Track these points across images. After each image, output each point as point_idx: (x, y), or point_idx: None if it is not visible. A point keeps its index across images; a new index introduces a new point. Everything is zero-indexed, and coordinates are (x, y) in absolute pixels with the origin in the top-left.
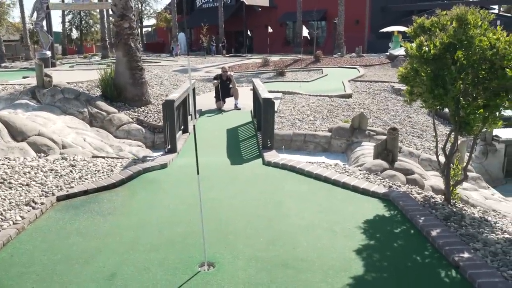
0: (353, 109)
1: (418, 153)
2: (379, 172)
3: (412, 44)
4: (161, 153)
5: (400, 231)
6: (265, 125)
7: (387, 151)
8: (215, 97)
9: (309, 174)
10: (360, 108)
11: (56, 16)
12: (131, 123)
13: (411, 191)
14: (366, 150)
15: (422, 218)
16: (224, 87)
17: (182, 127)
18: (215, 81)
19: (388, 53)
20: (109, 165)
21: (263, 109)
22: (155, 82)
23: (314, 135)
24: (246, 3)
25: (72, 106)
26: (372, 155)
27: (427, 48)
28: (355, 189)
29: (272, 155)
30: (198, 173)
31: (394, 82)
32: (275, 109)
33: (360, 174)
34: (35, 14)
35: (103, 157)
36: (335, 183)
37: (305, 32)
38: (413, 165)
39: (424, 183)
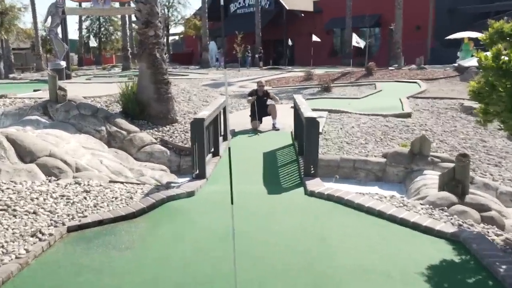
0: (413, 131)
1: (495, 185)
2: (446, 207)
3: (487, 53)
4: (188, 179)
5: (473, 281)
6: (308, 148)
7: (456, 182)
8: (250, 115)
9: (359, 207)
10: (421, 129)
11: (72, 22)
12: (154, 144)
13: (488, 231)
14: (429, 180)
15: (503, 266)
16: (260, 105)
17: (212, 149)
18: (250, 97)
19: (456, 64)
20: (128, 192)
21: (306, 130)
22: (182, 97)
23: (366, 161)
24: (287, 8)
25: (88, 123)
26: (437, 186)
27: (506, 58)
28: (415, 226)
29: (315, 184)
30: (232, 203)
31: (463, 99)
32: (320, 130)
33: (422, 208)
34: (49, 20)
35: (122, 183)
36: (391, 218)
37: (355, 40)
38: (489, 200)
39: (504, 222)
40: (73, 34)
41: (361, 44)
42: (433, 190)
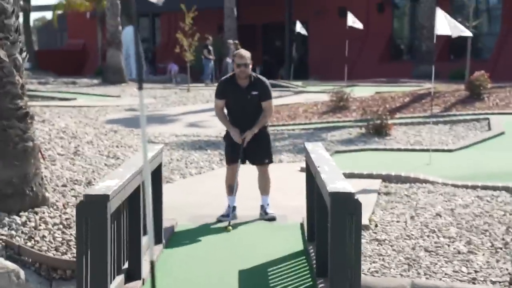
0: None
1: None
2: None
3: None
4: None
5: None
6: (337, 262)
7: None
8: (225, 152)
9: None
10: None
11: None
12: None
13: None
14: None
15: None
16: (244, 112)
17: (126, 265)
18: (219, 100)
19: None
20: None
21: (333, 223)
22: (61, 149)
23: None
24: None
25: None
26: None
27: None
28: None
29: None
30: None
31: None
32: (366, 221)
33: None
34: None
35: None
36: None
37: (443, 22)
38: None
39: None
40: None
41: (458, 31)
42: None
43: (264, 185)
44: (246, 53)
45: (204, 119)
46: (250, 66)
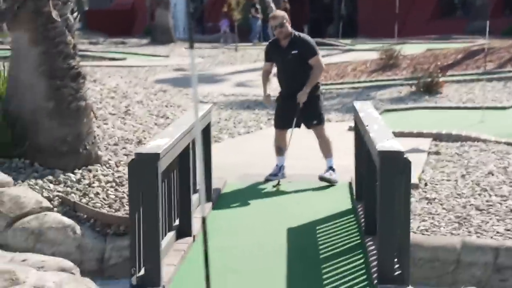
0: None
1: None
2: None
3: None
4: None
5: None
6: (386, 221)
7: None
8: (274, 115)
9: None
10: None
11: None
12: (46, 212)
13: None
14: None
15: None
16: (288, 72)
17: (177, 222)
18: (268, 63)
19: None
20: None
21: (382, 182)
22: (112, 108)
23: None
24: None
25: None
26: None
27: None
28: None
29: None
30: None
31: None
32: (415, 180)
33: None
34: None
35: None
36: None
37: None
38: None
39: None
40: None
41: None
42: None
43: (322, 148)
44: (280, 13)
45: (252, 79)
46: (288, 25)
